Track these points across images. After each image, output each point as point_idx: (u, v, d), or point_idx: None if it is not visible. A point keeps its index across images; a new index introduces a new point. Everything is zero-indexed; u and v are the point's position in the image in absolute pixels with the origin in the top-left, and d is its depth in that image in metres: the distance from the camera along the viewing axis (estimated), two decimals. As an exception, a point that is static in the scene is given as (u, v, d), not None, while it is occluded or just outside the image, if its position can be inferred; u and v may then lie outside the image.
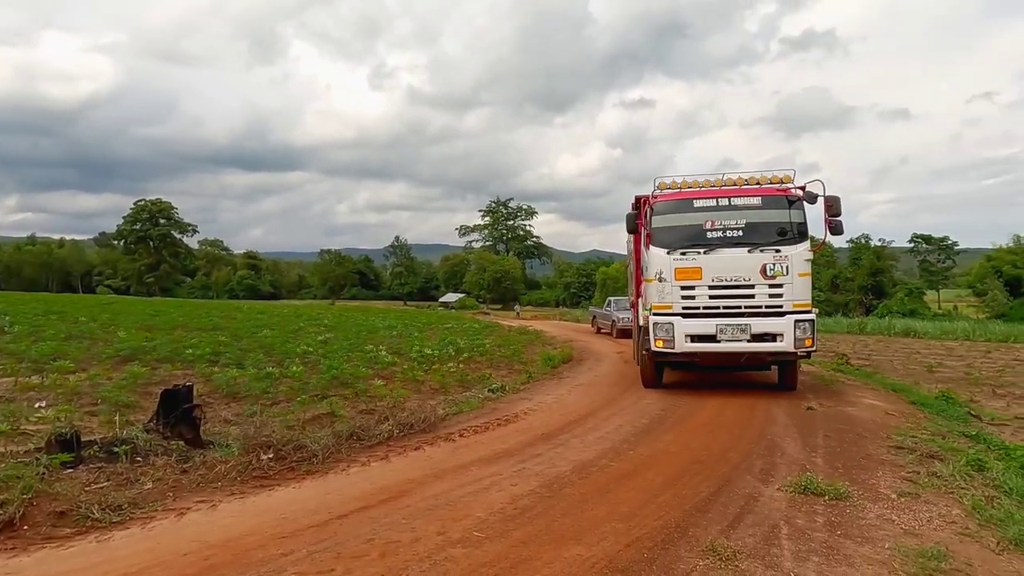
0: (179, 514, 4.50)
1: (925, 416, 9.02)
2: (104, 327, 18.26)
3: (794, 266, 9.07)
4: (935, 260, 74.04)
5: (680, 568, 3.65)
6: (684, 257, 9.40)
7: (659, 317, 9.45)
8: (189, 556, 3.78)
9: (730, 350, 9.17)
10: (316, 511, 4.57)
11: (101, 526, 4.23)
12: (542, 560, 3.74)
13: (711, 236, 9.45)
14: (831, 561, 3.77)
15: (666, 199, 9.98)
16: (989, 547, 4.12)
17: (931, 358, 19.62)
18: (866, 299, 58.33)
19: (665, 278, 9.45)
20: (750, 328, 9.05)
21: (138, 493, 4.81)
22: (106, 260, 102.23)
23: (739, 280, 9.17)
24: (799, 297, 9.07)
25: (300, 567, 3.63)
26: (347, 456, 6.10)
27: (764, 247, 9.18)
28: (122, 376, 9.50)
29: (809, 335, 8.95)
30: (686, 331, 9.26)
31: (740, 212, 9.46)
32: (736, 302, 9.21)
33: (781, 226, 9.33)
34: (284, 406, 8.33)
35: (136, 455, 5.61)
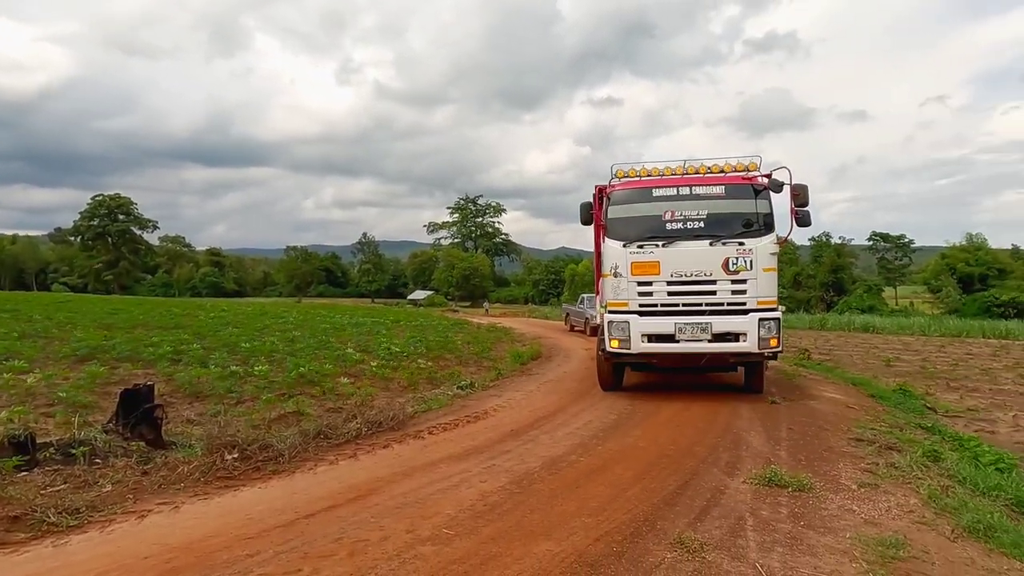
0: (140, 516, 4.39)
1: (883, 409, 9.30)
2: (60, 326, 17.68)
3: (758, 260, 8.44)
4: (893, 258, 76.21)
5: (649, 561, 3.69)
6: (641, 250, 8.75)
7: (614, 315, 8.83)
8: (150, 559, 3.68)
9: (690, 351, 8.55)
10: (282, 511, 4.49)
11: (58, 530, 4.09)
12: (512, 556, 3.74)
13: (671, 228, 8.80)
14: (795, 551, 3.85)
15: (623, 188, 9.32)
16: (944, 535, 4.26)
17: (889, 353, 20.20)
18: (827, 296, 59.74)
19: (621, 273, 8.81)
20: (711, 327, 8.43)
21: (97, 496, 4.68)
22: (62, 257, 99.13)
23: (700, 275, 8.53)
24: (764, 293, 8.46)
25: (266, 568, 3.57)
26: (314, 455, 6.02)
27: (727, 240, 8.55)
28: (79, 376, 9.22)
29: (774, 334, 8.35)
30: (643, 330, 8.63)
31: (702, 202, 8.82)
32: (696, 299, 8.58)
33: (746, 217, 8.73)
34: (249, 405, 8.18)
35: (95, 457, 5.45)
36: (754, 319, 8.35)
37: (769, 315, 8.40)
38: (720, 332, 8.44)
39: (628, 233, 8.97)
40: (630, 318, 8.69)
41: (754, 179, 8.87)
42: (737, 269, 8.45)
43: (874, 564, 3.68)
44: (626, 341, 8.67)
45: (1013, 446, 8.37)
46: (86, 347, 12.21)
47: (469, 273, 79.94)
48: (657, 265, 8.68)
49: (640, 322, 8.66)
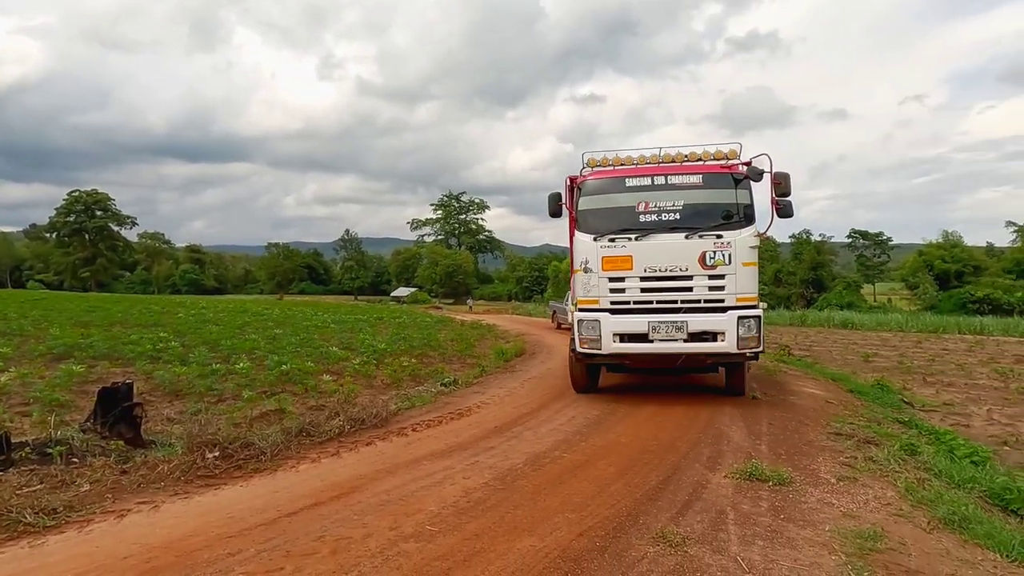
0: (119, 516, 4.33)
1: (862, 404, 9.44)
2: (36, 324, 17.40)
3: (738, 254, 7.93)
4: (871, 255, 77.23)
5: (631, 555, 3.71)
6: (613, 244, 8.24)
7: (584, 313, 8.35)
8: (130, 559, 3.64)
9: (664, 351, 8.06)
10: (264, 509, 4.46)
11: (34, 531, 4.03)
12: (495, 552, 3.74)
13: (644, 220, 8.26)
14: (775, 544, 3.90)
15: (595, 177, 8.77)
16: (921, 526, 4.33)
17: (867, 348, 20.49)
18: (807, 292, 60.48)
19: (591, 268, 8.31)
20: (687, 326, 7.92)
21: (74, 495, 4.61)
22: (37, 254, 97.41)
23: (675, 270, 8.03)
24: (743, 290, 7.95)
25: (248, 567, 3.54)
26: (297, 453, 5.98)
27: (704, 232, 8.03)
28: (56, 374, 9.08)
29: (755, 333, 7.85)
30: (614, 329, 8.15)
31: (678, 192, 8.27)
32: (671, 296, 8.08)
33: (725, 208, 8.17)
34: (230, 403, 8.11)
35: (72, 456, 5.37)
36: (733, 317, 7.86)
37: (749, 313, 7.91)
38: (696, 331, 7.95)
39: (599, 226, 8.47)
40: (601, 316, 8.23)
41: (734, 167, 8.32)
42: (715, 264, 7.94)
43: (852, 556, 3.74)
44: (596, 341, 8.23)
45: (987, 439, 8.55)
46: (63, 345, 12.05)
47: (452, 270, 79.80)
48: (630, 260, 8.18)
49: (611, 321, 8.19)
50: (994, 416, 10.35)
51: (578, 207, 8.74)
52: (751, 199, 8.26)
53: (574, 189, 8.99)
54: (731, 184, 8.25)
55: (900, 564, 3.69)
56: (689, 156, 8.71)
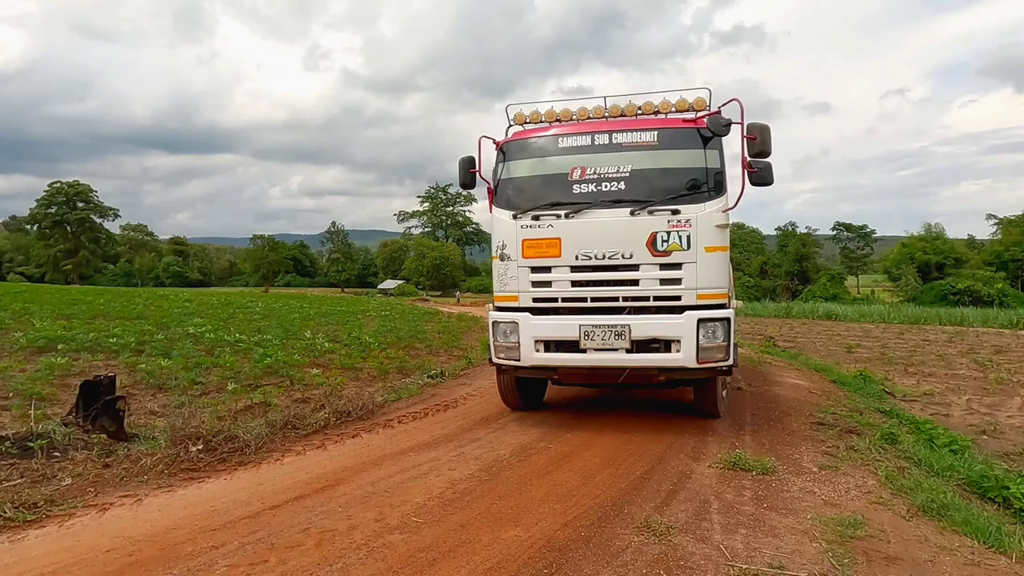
0: (101, 510, 4.30)
1: (844, 394, 9.55)
2: (16, 316, 17.14)
3: (700, 235, 5.97)
4: (855, 247, 78.08)
5: (616, 545, 3.74)
6: (536, 224, 6.32)
7: (500, 314, 6.51)
8: (112, 553, 3.61)
9: (601, 364, 6.16)
10: (248, 502, 4.44)
11: (14, 525, 3.99)
12: (481, 543, 3.76)
13: (579, 191, 6.30)
14: (757, 533, 3.94)
15: (520, 137, 6.86)
16: (900, 514, 4.40)
17: (850, 339, 20.73)
18: (792, 284, 61.14)
19: (509, 255, 6.44)
20: (629, 331, 6.01)
21: (55, 490, 4.57)
22: (17, 246, 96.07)
23: (616, 257, 6.09)
24: (707, 283, 5.98)
25: (231, 560, 3.53)
26: (282, 446, 5.96)
27: (655, 207, 6.04)
28: (37, 368, 8.96)
29: (721, 341, 5.92)
30: (536, 334, 6.27)
31: (625, 154, 6.30)
32: (611, 291, 6.16)
33: (687, 175, 6.20)
34: (215, 396, 8.06)
35: (53, 450, 5.31)
36: (691, 320, 5.90)
37: (714, 314, 5.94)
38: (642, 338, 6.03)
39: (521, 200, 6.55)
40: (520, 318, 6.33)
41: (700, 121, 6.32)
42: (668, 249, 6.00)
43: (833, 543, 3.79)
44: (514, 349, 6.35)
45: (966, 428, 8.70)
46: (44, 338, 11.87)
47: (440, 263, 79.65)
48: (557, 244, 6.26)
49: (533, 323, 6.30)
50: (973, 406, 10.52)
51: (497, 176, 6.80)
52: (722, 163, 6.26)
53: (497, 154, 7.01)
54: (697, 143, 6.22)
55: (879, 551, 3.75)
56: (643, 108, 6.67)
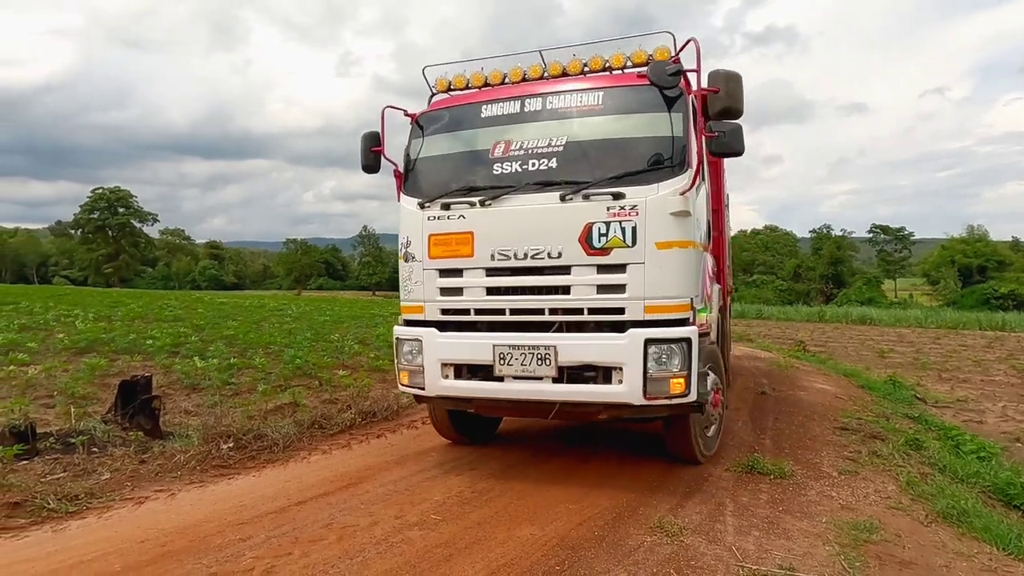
0: (137, 503, 4.52)
1: (872, 399, 9.43)
2: (60, 318, 17.82)
3: (649, 226, 4.45)
4: (892, 250, 76.28)
5: (628, 544, 3.81)
6: (446, 214, 4.98)
7: (403, 329, 5.22)
8: (146, 543, 3.81)
9: (522, 397, 4.77)
10: (275, 498, 4.62)
11: (57, 516, 4.23)
12: (496, 540, 3.87)
13: (500, 171, 4.92)
14: (770, 535, 3.98)
15: (438, 108, 5.52)
16: (918, 519, 4.38)
17: (883, 344, 20.33)
18: (826, 288, 59.97)
19: (414, 254, 5.12)
20: (555, 354, 4.58)
21: (95, 483, 4.81)
22: (62, 250, 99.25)
23: (541, 256, 4.66)
24: (660, 291, 4.47)
25: (257, 552, 3.70)
26: (308, 444, 6.14)
27: (592, 189, 4.57)
28: (79, 368, 9.35)
29: (677, 369, 4.41)
30: (443, 356, 4.94)
31: (561, 123, 4.88)
32: (534, 301, 4.73)
33: (637, 146, 4.73)
34: (246, 397, 8.31)
35: (93, 446, 5.57)
36: (635, 341, 4.41)
37: (666, 333, 4.44)
38: (572, 363, 4.59)
39: (432, 185, 5.22)
40: (424, 335, 5.02)
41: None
42: (607, 245, 4.51)
43: (846, 547, 3.81)
44: (418, 374, 5.05)
45: (1000, 436, 8.52)
46: (86, 339, 12.36)
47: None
48: (469, 239, 4.88)
49: (439, 342, 4.96)
50: (1008, 412, 10.28)
51: (407, 155, 5.48)
52: (687, 130, 4.63)
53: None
54: (651, 104, 4.70)
55: (893, 555, 3.76)
56: (590, 64, 5.18)
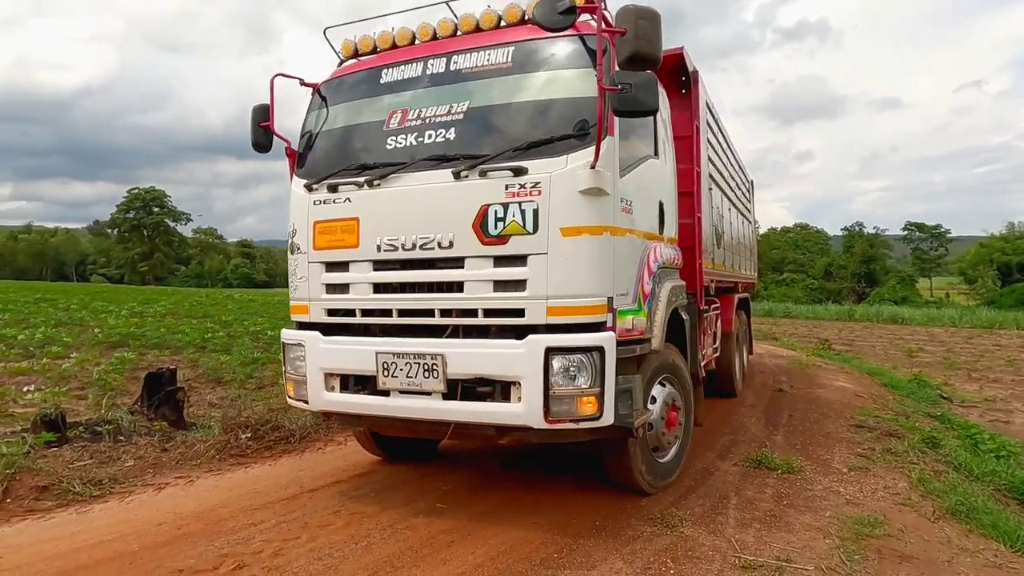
0: (157, 489, 4.71)
1: (894, 398, 9.29)
2: (95, 314, 18.41)
3: (554, 208, 3.68)
4: (928, 248, 74.48)
5: (627, 534, 3.86)
6: (332, 198, 4.26)
7: (289, 332, 4.55)
8: (163, 526, 3.99)
9: (409, 414, 4.01)
10: (288, 486, 4.78)
11: (82, 499, 4.44)
12: (498, 528, 3.95)
13: (394, 146, 4.19)
14: (771, 528, 4.00)
15: (338, 76, 4.74)
16: (926, 515, 4.35)
17: (913, 344, 19.93)
18: (858, 287, 58.80)
19: (299, 245, 4.42)
20: (443, 364, 3.82)
21: (119, 470, 5.02)
22: (100, 249, 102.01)
23: (430, 246, 3.91)
24: (567, 288, 3.68)
25: (267, 536, 3.84)
26: (325, 436, 6.29)
27: (489, 163, 3.81)
28: (110, 361, 9.69)
29: (586, 385, 3.62)
30: (325, 364, 4.24)
31: (464, 86, 4.13)
32: (423, 300, 3.99)
33: (548, 111, 3.97)
34: (269, 390, 8.51)
35: (119, 435, 5.79)
36: (535, 350, 3.62)
37: (574, 341, 3.64)
38: (463, 376, 3.82)
39: (323, 164, 4.49)
40: (307, 339, 4.32)
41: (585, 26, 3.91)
42: (504, 232, 3.74)
43: (847, 540, 3.81)
44: (302, 384, 4.36)
45: (1025, 435, 8.33)
46: (118, 334, 12.78)
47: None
48: (355, 227, 4.16)
49: (321, 348, 4.26)
50: (1038, 413, 10.03)
51: (302, 132, 4.77)
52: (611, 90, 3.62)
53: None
54: (565, 60, 3.96)
55: (895, 549, 3.75)
56: (506, 14, 4.26)
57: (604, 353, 3.61)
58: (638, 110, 3.65)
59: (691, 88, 5.87)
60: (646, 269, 4.27)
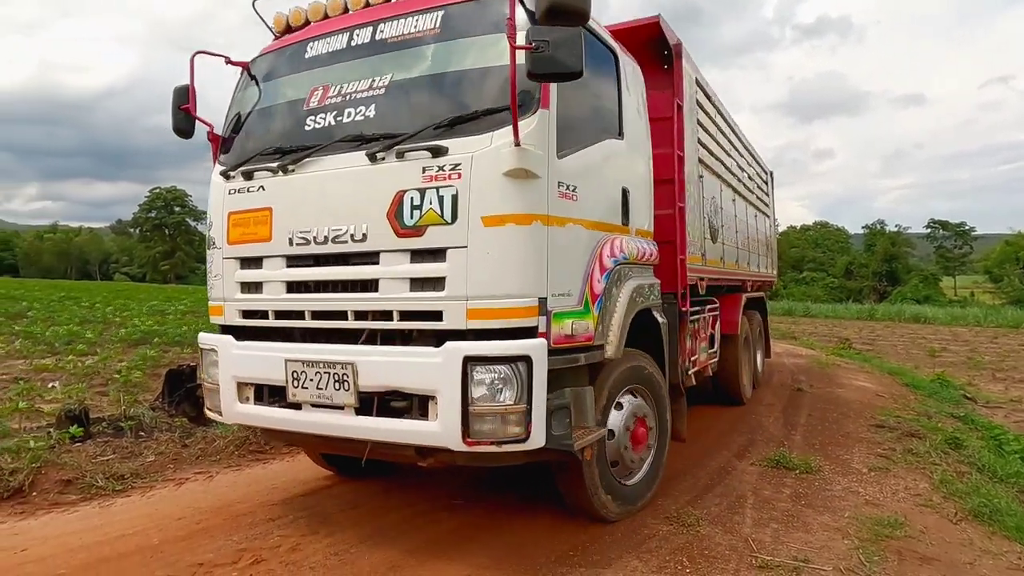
0: (178, 484, 4.78)
1: (916, 398, 9.16)
2: (118, 312, 18.71)
3: (475, 193, 3.16)
4: (952, 246, 73.25)
5: (643, 532, 3.85)
6: (247, 186, 3.84)
7: (205, 336, 4.13)
8: (183, 520, 4.05)
9: (322, 431, 3.56)
10: (307, 481, 4.82)
11: (104, 493, 4.52)
12: (517, 523, 3.97)
13: (312, 127, 3.74)
14: (789, 528, 3.96)
15: (267, 52, 4.26)
16: (947, 517, 4.29)
17: (936, 343, 19.62)
18: (880, 286, 57.97)
19: (215, 239, 4.00)
20: (354, 374, 3.33)
21: (140, 465, 5.09)
22: (123, 248, 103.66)
23: (342, 239, 3.46)
24: (491, 288, 3.15)
25: (285, 531, 3.88)
26: (342, 433, 6.34)
27: (409, 144, 3.30)
28: (133, 358, 9.83)
29: (512, 402, 3.09)
30: (237, 372, 3.82)
31: (388, 58, 3.65)
32: (336, 300, 3.54)
33: (477, 82, 3.44)
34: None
35: (141, 431, 5.89)
36: (452, 359, 3.13)
37: (497, 349, 3.13)
38: (374, 389, 3.33)
39: (243, 149, 4.05)
40: (220, 344, 3.92)
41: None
42: (421, 223, 3.26)
43: (866, 541, 3.76)
44: (215, 393, 3.93)
45: (1052, 437, 8.17)
46: (141, 332, 12.98)
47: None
48: (268, 218, 3.72)
49: (235, 354, 3.84)
50: (1065, 414, 9.83)
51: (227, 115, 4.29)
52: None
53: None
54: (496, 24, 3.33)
55: (915, 551, 3.70)
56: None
57: (532, 363, 3.10)
58: (558, 72, 2.95)
59: (673, 63, 5.29)
60: (597, 265, 3.70)
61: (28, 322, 15.09)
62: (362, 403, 3.34)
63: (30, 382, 8.07)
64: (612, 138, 4.09)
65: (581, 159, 3.63)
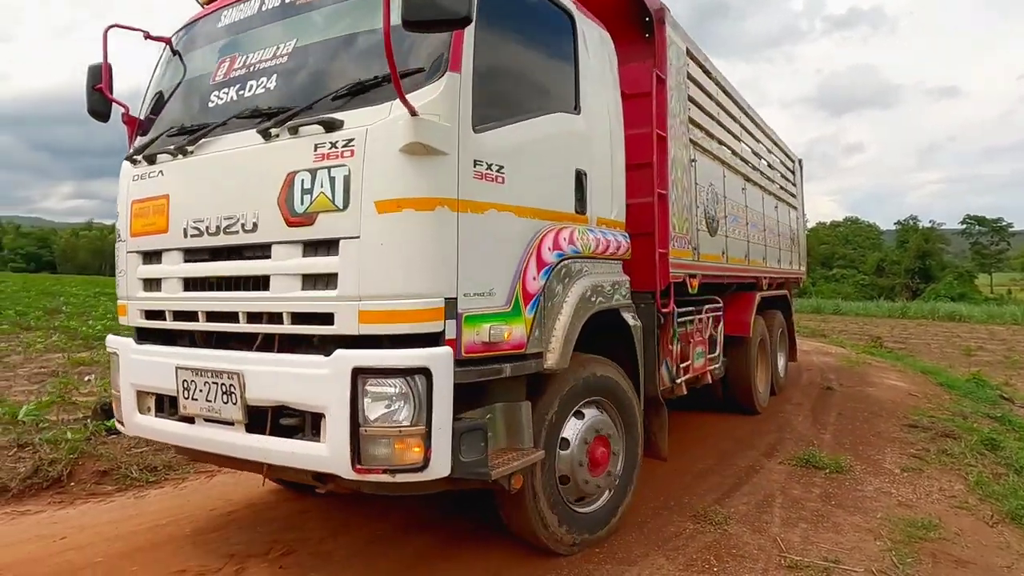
0: (209, 476, 4.87)
1: (950, 397, 8.96)
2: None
3: (368, 174, 2.62)
4: (988, 242, 71.45)
5: (669, 531, 3.83)
6: (149, 171, 3.40)
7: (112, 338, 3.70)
8: (214, 512, 4.13)
9: (211, 448, 3.09)
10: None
11: (139, 485, 4.62)
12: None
13: (216, 102, 3.28)
14: (819, 528, 3.91)
15: (188, 24, 3.84)
16: (983, 519, 4.19)
17: (971, 342, 19.19)
18: (912, 283, 56.76)
19: (120, 231, 3.61)
20: (242, 385, 2.85)
21: (173, 457, 5.17)
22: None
23: (233, 229, 2.97)
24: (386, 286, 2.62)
25: (315, 523, 3.94)
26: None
27: (302, 117, 2.80)
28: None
29: (409, 422, 2.54)
30: (135, 379, 3.42)
31: (295, 22, 3.20)
32: (229, 300, 3.04)
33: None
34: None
35: (174, 424, 6.01)
36: (341, 370, 2.59)
37: (388, 360, 2.59)
38: (263, 403, 2.84)
39: (153, 132, 3.65)
40: (120, 346, 3.56)
41: None
42: (311, 209, 2.73)
43: (899, 543, 3.70)
44: (117, 401, 3.58)
45: (1093, 439, 7.93)
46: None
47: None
48: (165, 207, 3.30)
49: (131, 359, 3.46)
50: (1108, 415, 9.53)
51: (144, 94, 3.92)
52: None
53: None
54: None
55: (950, 553, 3.62)
56: None
57: (431, 376, 2.56)
58: (438, 19, 2.41)
59: (654, 31, 4.63)
60: (534, 259, 3.16)
61: (65, 317, 15.50)
62: (252, 419, 2.87)
63: (67, 375, 8.30)
64: (567, 112, 3.56)
65: (512, 134, 3.10)
